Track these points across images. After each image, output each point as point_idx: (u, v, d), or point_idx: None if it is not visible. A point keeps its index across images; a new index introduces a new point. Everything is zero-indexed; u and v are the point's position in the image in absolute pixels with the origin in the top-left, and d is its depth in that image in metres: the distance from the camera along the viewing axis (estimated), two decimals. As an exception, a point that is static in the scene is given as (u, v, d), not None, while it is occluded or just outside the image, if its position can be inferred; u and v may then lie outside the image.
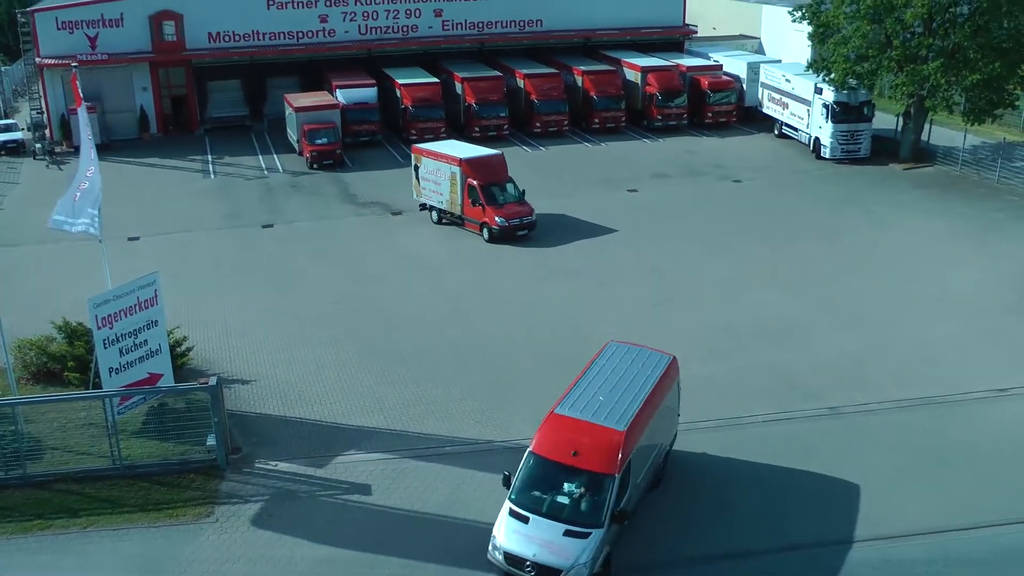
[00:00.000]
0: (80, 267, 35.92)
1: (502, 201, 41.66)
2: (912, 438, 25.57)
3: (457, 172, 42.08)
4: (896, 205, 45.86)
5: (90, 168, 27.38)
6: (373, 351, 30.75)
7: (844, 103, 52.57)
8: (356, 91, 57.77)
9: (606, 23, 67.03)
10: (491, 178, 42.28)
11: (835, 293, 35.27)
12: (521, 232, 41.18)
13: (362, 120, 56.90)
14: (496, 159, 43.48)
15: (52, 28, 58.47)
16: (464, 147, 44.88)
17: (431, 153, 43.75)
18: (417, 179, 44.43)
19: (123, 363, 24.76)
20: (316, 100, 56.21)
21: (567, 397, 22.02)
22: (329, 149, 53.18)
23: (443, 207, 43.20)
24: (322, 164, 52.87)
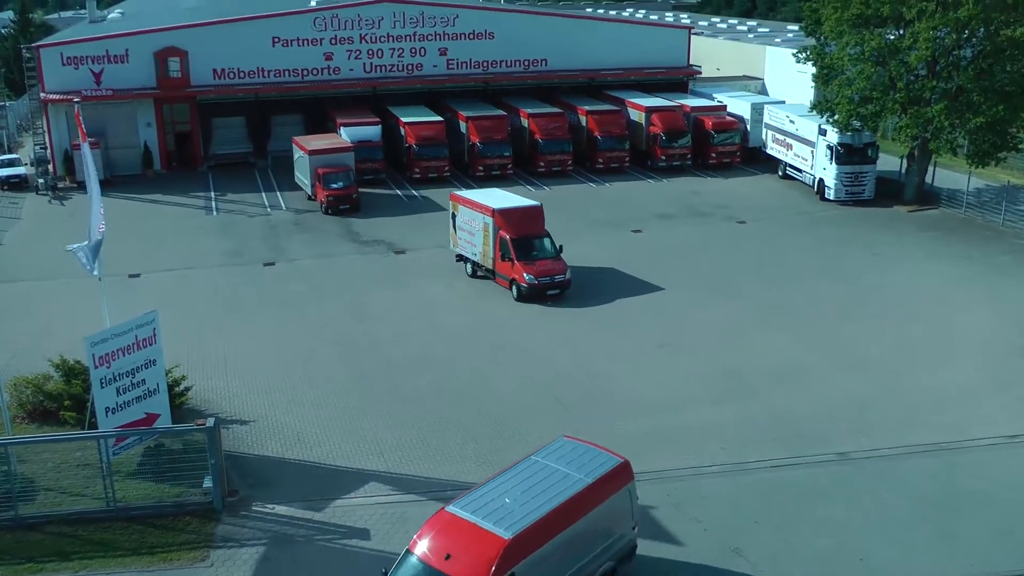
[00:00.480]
0: (80, 304, 35.74)
1: (534, 257, 38.98)
2: (921, 485, 25.16)
3: (490, 223, 39.66)
4: (901, 247, 45.62)
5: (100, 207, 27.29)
6: (373, 392, 30.37)
7: (848, 145, 52.50)
8: (360, 129, 57.27)
9: (610, 63, 67.17)
10: (524, 231, 39.62)
11: (841, 336, 34.94)
12: (552, 291, 38.47)
13: (366, 158, 56.02)
14: (532, 211, 40.71)
15: (57, 63, 58.55)
16: (502, 196, 42.37)
17: (467, 201, 41.53)
18: (454, 228, 42.26)
19: (120, 403, 24.43)
20: (329, 142, 54.80)
21: (472, 493, 19.92)
22: (345, 193, 51.53)
23: (476, 259, 40.92)
24: (338, 209, 51.23)
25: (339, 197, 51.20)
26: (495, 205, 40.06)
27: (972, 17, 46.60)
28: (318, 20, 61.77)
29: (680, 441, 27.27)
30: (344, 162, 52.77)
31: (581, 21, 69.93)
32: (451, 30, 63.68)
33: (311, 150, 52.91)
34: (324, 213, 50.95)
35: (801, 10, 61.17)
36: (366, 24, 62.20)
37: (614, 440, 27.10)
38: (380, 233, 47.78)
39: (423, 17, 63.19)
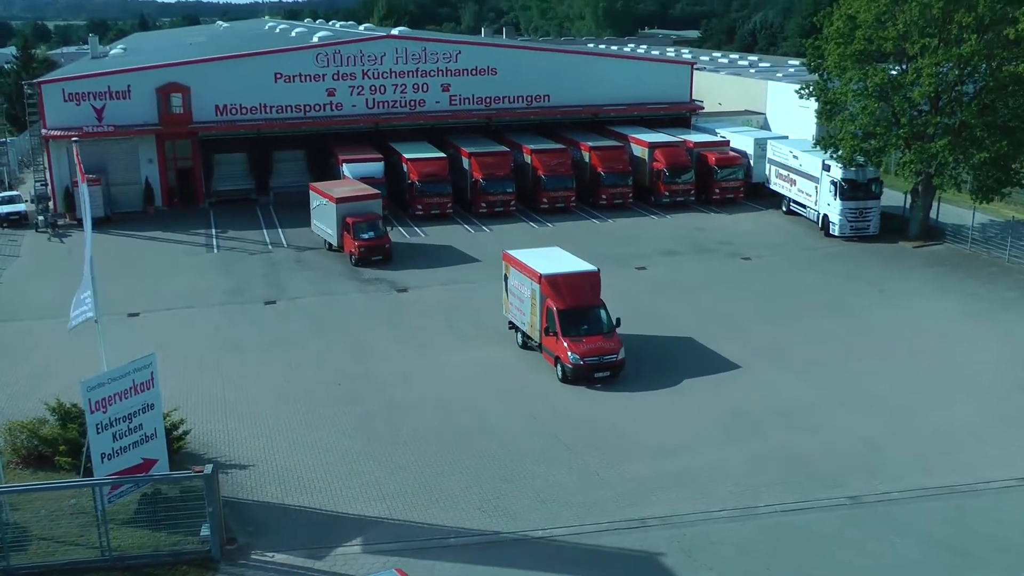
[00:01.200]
0: (78, 344, 34.98)
1: (583, 332, 34.17)
2: (934, 529, 24.64)
3: (537, 290, 35.22)
4: (907, 283, 45.25)
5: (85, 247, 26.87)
6: (375, 435, 29.86)
7: (852, 180, 52.23)
8: (363, 166, 56.56)
9: (613, 99, 67.09)
10: (573, 301, 34.86)
11: (849, 373, 34.49)
12: (600, 374, 33.60)
13: None
14: (584, 278, 35.75)
15: (59, 100, 58.50)
16: (556, 259, 37.42)
17: (518, 263, 37.17)
18: (506, 291, 38.33)
19: (116, 448, 23.92)
20: (354, 189, 51.98)
21: None
22: (378, 244, 48.73)
23: (525, 330, 36.74)
24: (370, 261, 48.32)
25: (371, 248, 48.47)
26: (543, 270, 35.40)
27: (975, 53, 46.52)
28: (320, 56, 61.75)
29: (689, 484, 26.74)
30: (373, 210, 50.30)
31: (584, 57, 70.07)
32: (454, 66, 63.63)
33: (338, 198, 49.82)
34: (354, 265, 48.22)
35: (802, 45, 61.21)
36: (369, 60, 62.16)
37: (622, 483, 26.73)
38: (382, 271, 47.37)
39: (426, 53, 63.19)
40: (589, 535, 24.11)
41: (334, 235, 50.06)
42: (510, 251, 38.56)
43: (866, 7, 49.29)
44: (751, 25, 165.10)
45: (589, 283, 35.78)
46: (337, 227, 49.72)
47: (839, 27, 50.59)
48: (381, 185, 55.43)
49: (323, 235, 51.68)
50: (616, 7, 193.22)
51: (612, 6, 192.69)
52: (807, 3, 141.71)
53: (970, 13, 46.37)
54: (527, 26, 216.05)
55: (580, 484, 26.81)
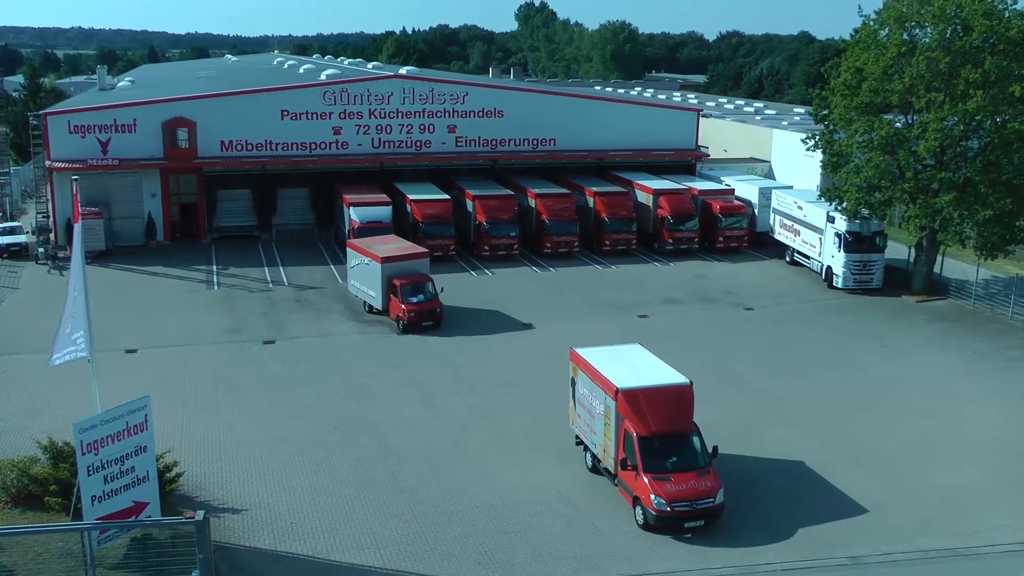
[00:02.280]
0: (72, 380, 34.70)
1: (672, 467, 27.46)
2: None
3: (612, 408, 28.39)
4: (911, 338, 44.95)
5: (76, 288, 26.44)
6: (371, 482, 29.46)
7: (857, 233, 52.07)
8: (370, 210, 55.46)
9: (619, 144, 67.17)
10: (659, 425, 27.84)
11: (853, 431, 34.10)
12: (692, 523, 26.82)
13: None
14: (673, 395, 28.62)
15: (64, 132, 58.59)
16: (638, 365, 30.42)
17: (589, 369, 30.10)
18: (573, 399, 31.51)
19: (107, 491, 23.52)
20: (400, 247, 48.38)
21: None
22: (429, 307, 44.96)
23: (596, 451, 29.97)
24: (419, 327, 44.42)
25: (421, 312, 44.59)
26: (621, 382, 28.32)
27: (980, 109, 46.57)
28: (327, 94, 61.91)
29: (687, 540, 26.29)
30: (421, 270, 46.67)
31: (590, 101, 70.15)
32: (460, 107, 63.77)
33: (383, 257, 45.86)
34: (401, 332, 44.37)
35: (808, 93, 61.34)
36: (375, 99, 62.31)
37: (620, 538, 26.31)
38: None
39: (432, 94, 63.35)
40: (586, 589, 23.68)
41: (378, 298, 46.06)
42: (579, 349, 31.41)
43: (873, 60, 49.41)
44: (757, 72, 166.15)
45: (679, 401, 28.56)
46: (382, 289, 45.77)
47: (846, 79, 50.68)
48: (389, 230, 54.13)
49: (364, 297, 47.51)
50: (624, 50, 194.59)
51: (620, 49, 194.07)
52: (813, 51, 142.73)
53: (976, 69, 46.46)
54: (535, 67, 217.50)
55: (579, 536, 26.37)
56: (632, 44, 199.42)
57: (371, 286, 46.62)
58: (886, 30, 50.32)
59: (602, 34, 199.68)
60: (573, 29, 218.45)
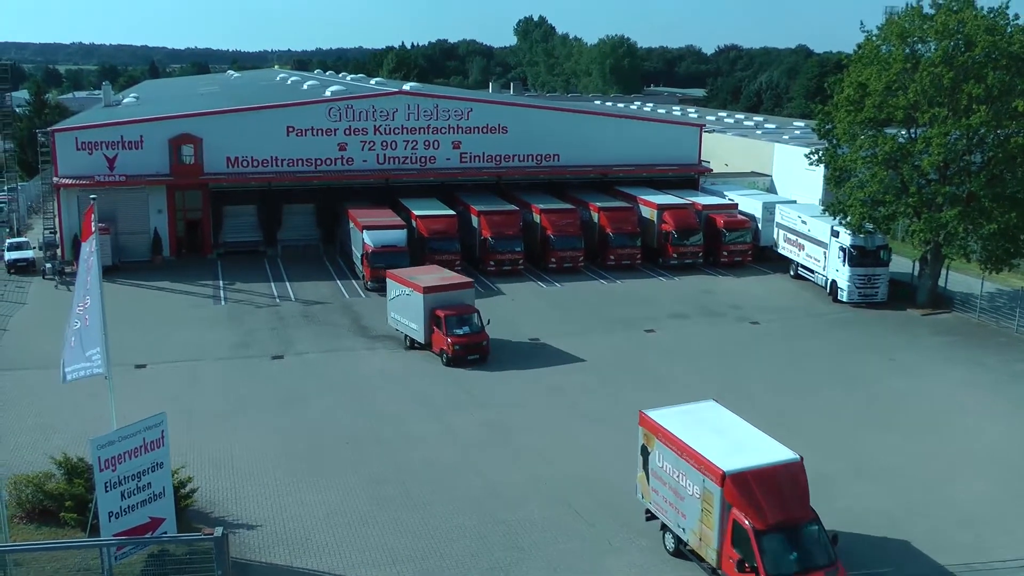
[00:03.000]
0: (85, 396, 35.10)
1: (794, 566, 23.26)
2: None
3: (716, 494, 23.91)
4: (917, 352, 45.13)
5: (85, 301, 26.48)
6: (384, 498, 29.55)
7: (861, 247, 52.31)
8: (385, 233, 54.36)
9: (622, 159, 67.48)
10: (777, 515, 23.50)
11: (861, 445, 34.21)
12: None
13: (391, 265, 50.10)
14: (787, 475, 24.39)
15: (72, 148, 58.86)
16: (728, 431, 26.57)
17: (671, 439, 25.80)
18: (645, 470, 27.15)
19: (124, 507, 23.62)
20: (443, 276, 46.02)
21: None
22: (475, 340, 42.66)
23: (684, 538, 25.62)
24: (465, 360, 42.23)
25: (467, 345, 42.37)
26: (727, 464, 23.73)
27: (984, 123, 46.83)
28: (333, 110, 62.19)
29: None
30: (466, 301, 44.54)
31: (593, 117, 70.45)
32: (465, 123, 64.09)
33: (426, 287, 43.58)
34: (446, 365, 42.19)
35: (807, 106, 61.70)
36: (380, 116, 62.58)
37: (635, 552, 26.39)
38: (390, 328, 47.18)
39: (437, 110, 63.65)
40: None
41: (420, 330, 43.66)
42: (653, 413, 27.27)
43: (876, 76, 49.70)
44: (756, 85, 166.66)
45: (795, 482, 24.39)
46: (425, 321, 43.53)
47: (849, 94, 50.96)
48: (404, 255, 53.37)
49: (405, 330, 44.80)
50: (623, 65, 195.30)
51: (619, 64, 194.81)
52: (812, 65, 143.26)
53: (979, 84, 46.75)
54: (534, 81, 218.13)
55: (593, 551, 26.49)
56: (631, 58, 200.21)
57: (412, 318, 44.13)
58: (889, 45, 50.61)
59: (601, 48, 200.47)
60: (572, 43, 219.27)
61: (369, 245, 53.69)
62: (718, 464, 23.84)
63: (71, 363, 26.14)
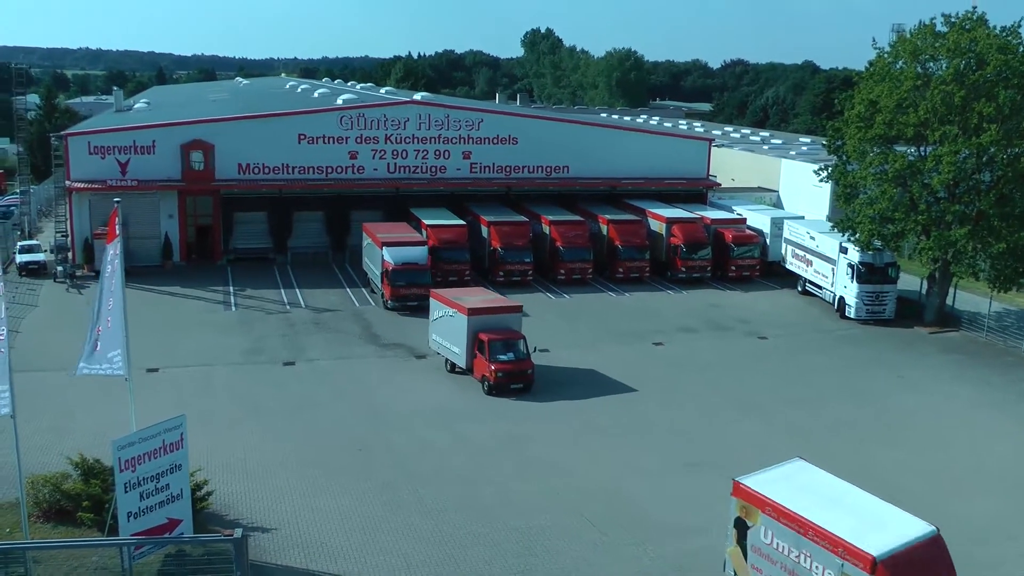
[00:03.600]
0: (98, 397, 35.49)
1: None
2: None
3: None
4: (924, 370, 45.32)
5: (108, 302, 26.77)
6: (397, 504, 29.73)
7: (870, 264, 52.50)
8: (405, 250, 52.64)
9: (631, 172, 67.77)
10: None
11: (870, 462, 34.19)
12: None
13: (411, 283, 51.38)
14: (929, 553, 21.99)
15: (84, 152, 59.18)
16: (840, 496, 24.02)
17: (789, 515, 22.82)
18: (742, 545, 24.40)
19: (143, 508, 23.78)
20: (487, 299, 43.97)
21: None
22: (520, 368, 40.19)
23: None
24: (508, 388, 39.82)
25: (511, 373, 39.96)
26: (874, 548, 20.92)
27: (994, 142, 47.08)
28: (344, 118, 62.50)
29: (715, 565, 26.52)
30: (512, 325, 42.01)
31: (603, 130, 70.89)
32: (475, 134, 64.40)
33: (470, 308, 41.28)
34: (487, 393, 39.89)
35: (814, 122, 61.98)
36: (392, 124, 62.91)
37: (647, 560, 26.54)
38: (400, 337, 47.46)
39: (448, 120, 63.98)
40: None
41: (462, 354, 41.61)
42: (748, 481, 24.48)
43: (888, 93, 49.98)
44: (763, 100, 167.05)
45: (938, 561, 22.03)
46: (467, 345, 41.52)
47: (860, 111, 51.23)
48: (426, 272, 52.55)
49: (447, 354, 42.65)
50: (629, 78, 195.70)
51: (625, 76, 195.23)
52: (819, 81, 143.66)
53: (990, 103, 47.03)
54: (540, 93, 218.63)
55: (604, 559, 26.66)
56: (638, 71, 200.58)
57: (455, 341, 41.97)
58: (900, 63, 50.91)
59: (608, 61, 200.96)
60: (579, 56, 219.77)
61: (389, 263, 51.97)
62: (863, 547, 21.08)
63: (88, 360, 26.39)
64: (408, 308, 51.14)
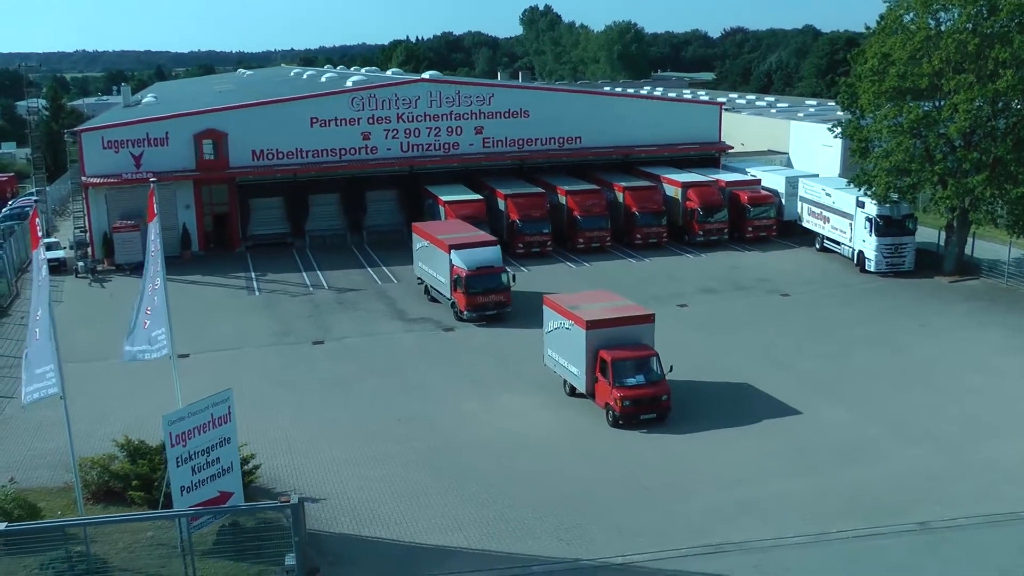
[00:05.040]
0: (133, 386, 35.97)
1: None
2: (1008, 555, 24.59)
3: None
4: (948, 317, 45.48)
5: (156, 282, 27.17)
6: (443, 469, 30.08)
7: (887, 217, 52.54)
8: (477, 252, 46.55)
9: (644, 140, 67.73)
10: None
11: (900, 408, 34.58)
12: None
13: (491, 289, 45.68)
14: None
15: (98, 147, 59.28)
16: None
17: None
18: None
19: (195, 481, 24.09)
20: (614, 307, 36.56)
21: None
22: (652, 394, 33.36)
23: None
24: (638, 420, 33.22)
25: (639, 400, 33.16)
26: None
27: (1010, 88, 47.01)
28: (355, 100, 62.53)
29: (758, 514, 26.83)
30: (643, 339, 34.89)
31: (614, 99, 70.97)
32: (487, 109, 64.41)
33: (589, 320, 34.49)
34: (613, 425, 33.60)
35: (818, 85, 61.81)
36: (403, 104, 62.94)
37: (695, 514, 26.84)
38: (426, 311, 47.68)
39: (459, 96, 64.00)
40: (668, 560, 24.26)
41: (580, 376, 34.76)
42: None
43: (900, 45, 49.88)
44: (766, 66, 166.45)
45: None
46: (586, 363, 34.82)
47: (873, 65, 51.12)
48: (501, 275, 46.22)
49: (563, 373, 36.52)
50: (630, 50, 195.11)
51: (626, 49, 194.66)
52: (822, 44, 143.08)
53: (1005, 49, 46.94)
54: (541, 70, 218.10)
55: (653, 515, 26.95)
56: (638, 44, 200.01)
57: (572, 359, 35.46)
58: (911, 14, 50.81)
59: (608, 35, 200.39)
60: (578, 31, 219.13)
61: (461, 268, 45.65)
62: None
63: (136, 343, 26.73)
64: (486, 318, 45.75)
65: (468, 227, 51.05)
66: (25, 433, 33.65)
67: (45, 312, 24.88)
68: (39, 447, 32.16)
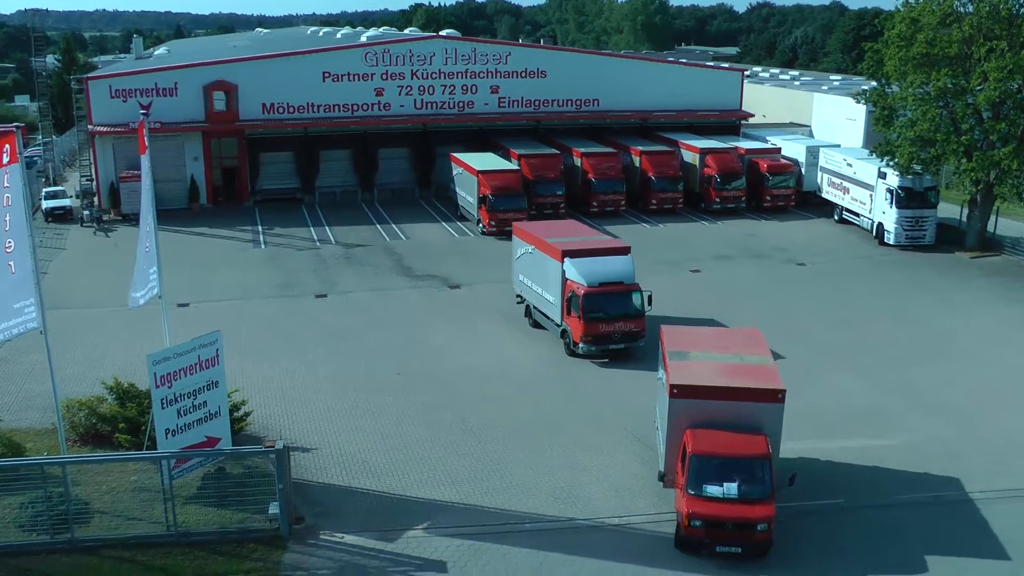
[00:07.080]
0: (129, 333, 35.36)
1: None
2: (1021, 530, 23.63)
3: None
4: (968, 292, 44.28)
5: (147, 220, 26.39)
6: (440, 423, 29.21)
7: (909, 188, 51.17)
8: (601, 262, 35.61)
9: (663, 105, 66.43)
10: None
11: (914, 379, 33.51)
12: None
13: (617, 314, 34.86)
14: None
15: (106, 96, 58.33)
16: None
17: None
18: None
19: (180, 425, 23.26)
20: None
21: None
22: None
23: None
24: None
25: None
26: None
27: (1042, 57, 45.62)
28: (369, 55, 61.39)
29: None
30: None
31: (633, 62, 69.59)
32: (503, 68, 63.17)
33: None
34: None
35: (843, 61, 60.38)
36: (418, 60, 61.76)
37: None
38: (433, 268, 46.77)
39: (475, 54, 62.77)
40: (667, 523, 23.27)
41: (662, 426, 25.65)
42: None
43: (930, 9, 48.41)
44: (792, 40, 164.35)
45: None
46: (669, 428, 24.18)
47: (900, 30, 49.70)
48: (631, 294, 35.26)
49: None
50: (654, 21, 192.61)
51: (650, 20, 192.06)
52: (849, 19, 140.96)
53: (1040, 14, 45.52)
54: (564, 39, 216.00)
55: (651, 475, 25.99)
56: (662, 15, 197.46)
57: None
58: (943, -21, 49.31)
59: (632, 5, 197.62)
60: (602, 1, 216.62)
61: (579, 284, 34.84)
62: None
63: (139, 288, 26.03)
64: (609, 353, 35.34)
65: (581, 228, 41.03)
66: (17, 375, 32.89)
67: (25, 245, 23.19)
68: (31, 389, 31.49)
